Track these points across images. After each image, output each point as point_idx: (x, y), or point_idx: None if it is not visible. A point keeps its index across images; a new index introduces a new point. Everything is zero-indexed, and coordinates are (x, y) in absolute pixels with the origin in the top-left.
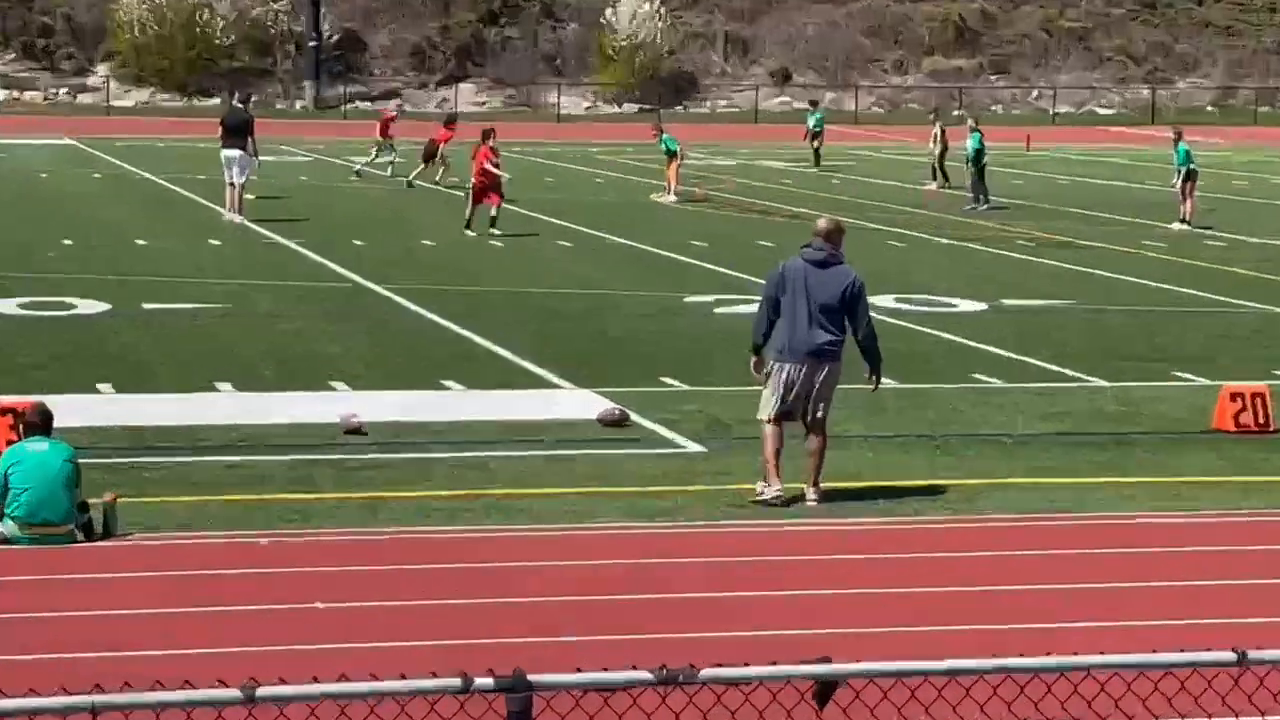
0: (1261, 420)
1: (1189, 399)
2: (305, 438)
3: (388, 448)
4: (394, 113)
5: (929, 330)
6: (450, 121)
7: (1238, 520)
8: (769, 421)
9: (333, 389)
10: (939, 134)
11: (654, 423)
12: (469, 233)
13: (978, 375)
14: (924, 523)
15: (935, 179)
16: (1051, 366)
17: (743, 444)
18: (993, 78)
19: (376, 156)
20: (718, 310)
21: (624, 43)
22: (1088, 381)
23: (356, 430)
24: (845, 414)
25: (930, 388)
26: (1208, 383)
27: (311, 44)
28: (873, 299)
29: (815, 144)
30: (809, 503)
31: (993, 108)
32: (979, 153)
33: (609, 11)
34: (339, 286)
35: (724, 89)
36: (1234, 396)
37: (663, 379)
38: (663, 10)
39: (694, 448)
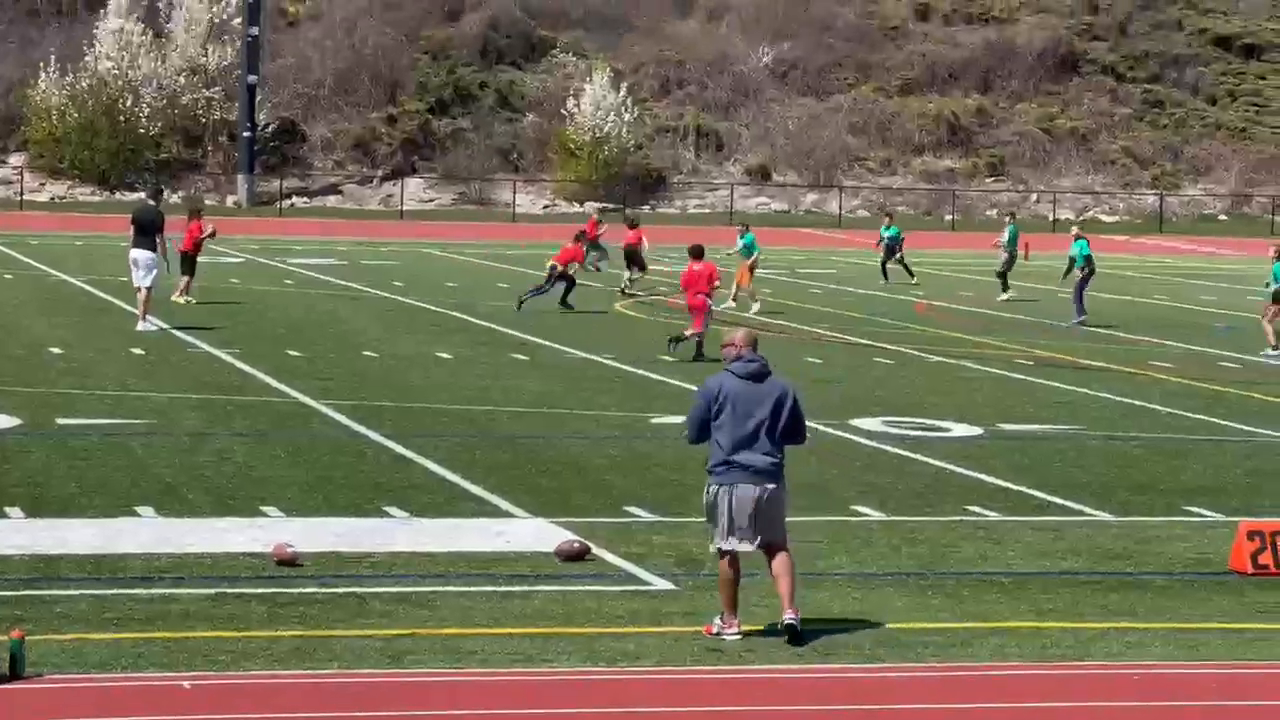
0: None
1: (1203, 536)
2: (233, 569)
3: (324, 581)
4: (596, 217)
5: (920, 457)
6: (634, 224)
7: (1257, 672)
8: (722, 555)
9: (264, 515)
10: (1010, 240)
11: (618, 557)
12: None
13: (973, 507)
14: (915, 671)
15: (1006, 290)
16: (1054, 499)
17: (716, 581)
18: (988, 180)
19: (597, 261)
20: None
21: (586, 136)
22: (1093, 516)
23: (290, 561)
24: (829, 548)
25: (922, 520)
26: (1224, 519)
27: (246, 134)
28: (859, 421)
29: (898, 256)
30: (787, 620)
31: (988, 212)
32: (1087, 260)
33: (570, 102)
34: (273, 402)
35: (696, 188)
36: (1252, 534)
37: (627, 508)
38: (629, 101)
39: (662, 585)
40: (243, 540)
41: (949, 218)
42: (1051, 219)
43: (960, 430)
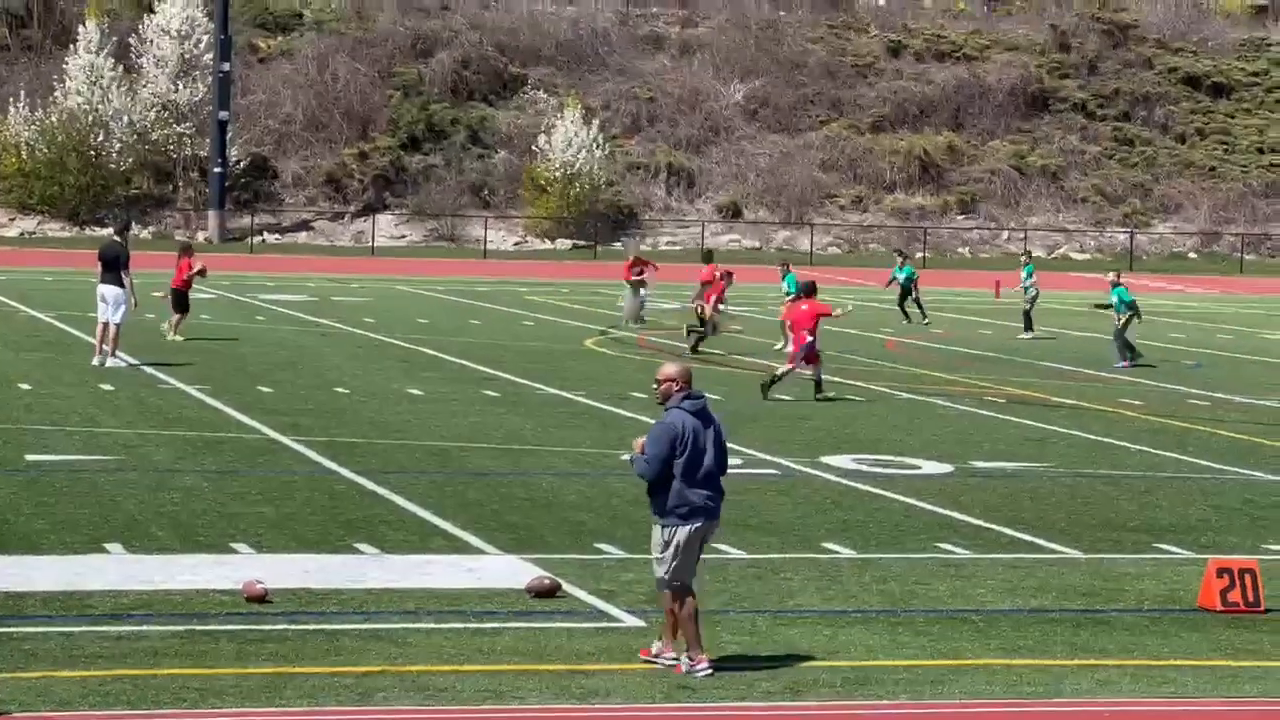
0: (1251, 599)
1: (1172, 574)
2: (203, 606)
3: (294, 618)
4: (634, 255)
5: (891, 494)
6: (709, 259)
7: (1226, 709)
8: (686, 593)
9: (234, 552)
10: (1028, 280)
11: (588, 593)
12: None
13: (943, 545)
14: (886, 708)
15: (1029, 328)
16: (1024, 536)
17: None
18: (959, 217)
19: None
20: None
21: (558, 172)
22: (1063, 553)
23: (260, 598)
24: (799, 585)
25: (892, 558)
26: (1193, 556)
27: (217, 170)
28: (830, 458)
29: (913, 296)
30: (668, 661)
31: (959, 250)
32: (1129, 305)
33: (541, 139)
34: (243, 438)
35: (668, 224)
36: (1221, 572)
37: (598, 545)
38: (600, 138)
39: (632, 622)
40: (212, 577)
41: (920, 255)
42: (1022, 256)
43: (930, 467)
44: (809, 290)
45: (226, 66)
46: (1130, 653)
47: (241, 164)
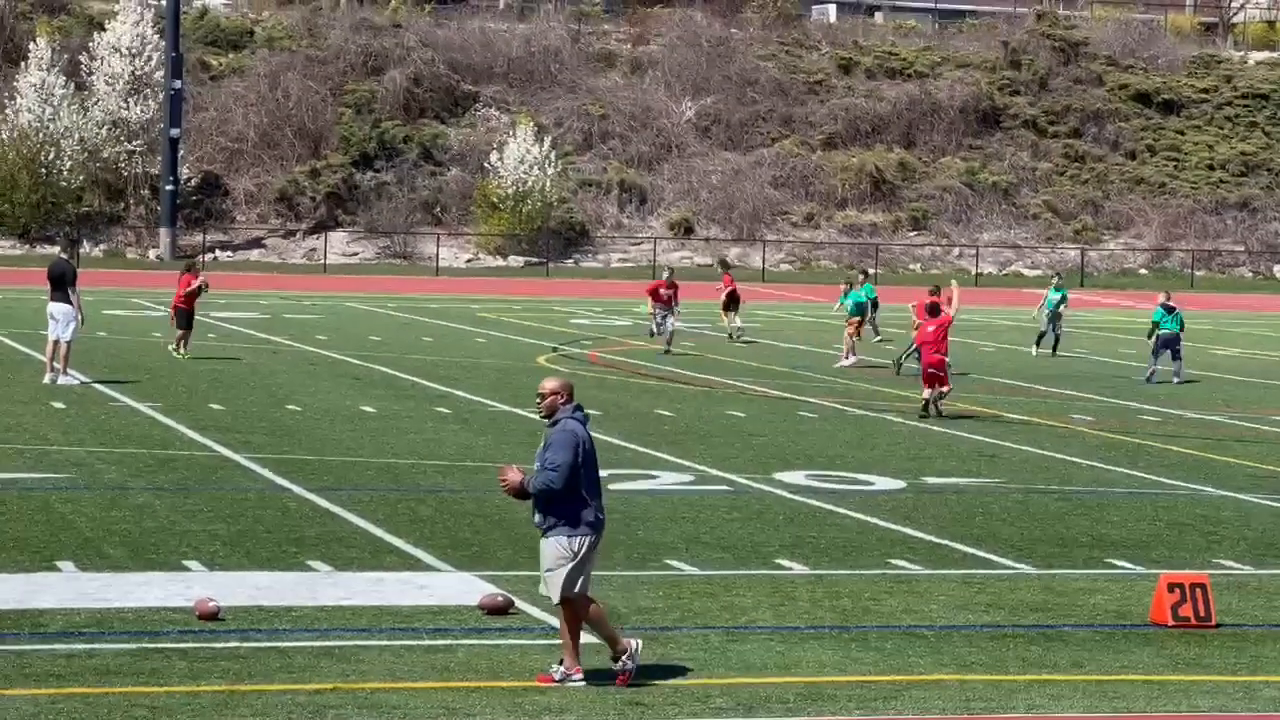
0: (1203, 613)
1: (1124, 589)
2: (155, 624)
3: (246, 635)
4: (668, 276)
5: (843, 510)
6: (725, 266)
7: None
8: (567, 603)
9: (187, 570)
10: (1058, 299)
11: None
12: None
13: (896, 561)
14: None
15: (1039, 345)
16: (976, 552)
17: (639, 634)
18: (911, 234)
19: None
20: (612, 486)
21: (510, 190)
22: (1015, 569)
23: (212, 616)
24: (751, 602)
25: (845, 574)
26: (1144, 571)
27: (168, 188)
28: (782, 475)
29: (871, 316)
30: (576, 681)
31: (911, 266)
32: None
33: (494, 156)
34: (195, 456)
35: (619, 241)
36: (1173, 587)
37: None
38: (553, 155)
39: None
40: (164, 595)
41: (872, 271)
42: (974, 273)
43: (883, 483)
44: (933, 311)
45: (178, 84)
46: (1082, 668)
47: (193, 181)
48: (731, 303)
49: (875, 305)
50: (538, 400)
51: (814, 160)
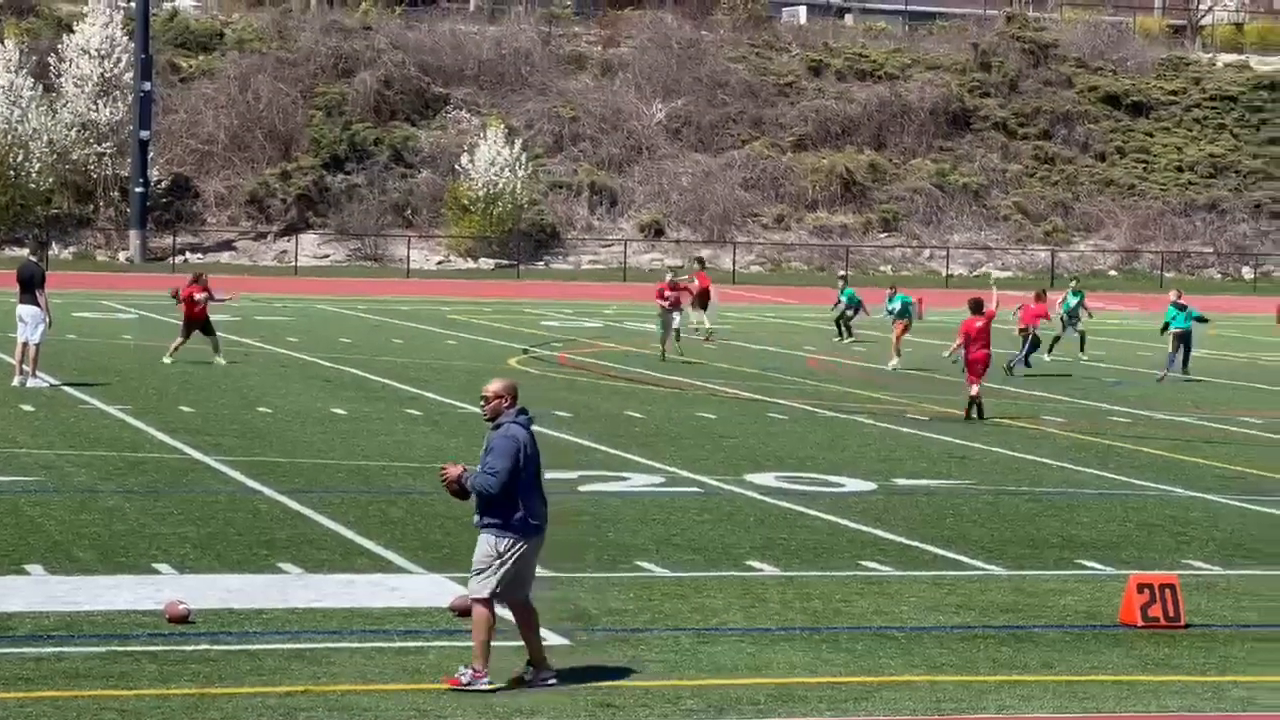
0: (1172, 614)
1: (1094, 590)
2: (124, 627)
3: (217, 638)
4: (670, 278)
5: (814, 512)
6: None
7: None
8: (484, 604)
9: (156, 572)
10: (1072, 305)
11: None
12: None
13: (867, 562)
14: None
15: (1052, 351)
16: (946, 553)
17: (611, 635)
18: (881, 235)
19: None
20: (582, 488)
21: (480, 192)
22: (985, 570)
23: (182, 619)
24: (722, 604)
25: (815, 576)
26: (1114, 572)
27: (138, 190)
28: (753, 476)
29: (848, 321)
30: (550, 682)
31: (882, 268)
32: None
33: (464, 158)
34: (165, 458)
35: (590, 244)
36: (1142, 587)
37: None
38: (523, 157)
39: (556, 640)
40: (134, 598)
41: (842, 273)
42: (945, 274)
43: (853, 485)
44: (976, 307)
45: (147, 86)
46: (1052, 668)
47: (163, 184)
48: (702, 301)
49: (858, 308)
50: (482, 403)
51: (784, 162)
